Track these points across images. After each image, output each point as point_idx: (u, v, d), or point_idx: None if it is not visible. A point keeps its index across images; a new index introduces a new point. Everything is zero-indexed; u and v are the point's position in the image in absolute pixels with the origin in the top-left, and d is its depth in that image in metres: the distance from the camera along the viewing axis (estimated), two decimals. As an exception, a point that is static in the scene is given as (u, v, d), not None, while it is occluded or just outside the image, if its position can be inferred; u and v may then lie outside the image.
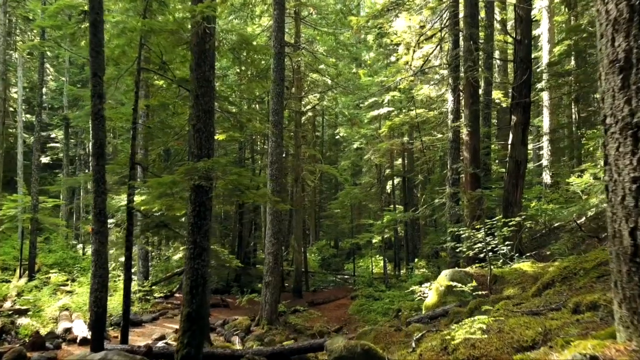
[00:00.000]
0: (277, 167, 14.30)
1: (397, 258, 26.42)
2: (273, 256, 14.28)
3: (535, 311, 4.21)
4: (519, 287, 7.41)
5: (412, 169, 24.29)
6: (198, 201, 6.86)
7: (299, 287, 21.16)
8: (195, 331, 6.65)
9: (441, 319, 7.58)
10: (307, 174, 26.52)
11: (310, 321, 16.02)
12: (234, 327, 13.73)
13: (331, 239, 39.86)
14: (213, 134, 7.11)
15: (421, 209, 14.50)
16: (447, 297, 8.42)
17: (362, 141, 25.64)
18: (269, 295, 14.18)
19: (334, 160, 38.16)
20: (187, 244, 6.91)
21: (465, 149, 12.72)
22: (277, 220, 14.31)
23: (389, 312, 16.01)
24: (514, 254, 9.22)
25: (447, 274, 8.66)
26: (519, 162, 12.17)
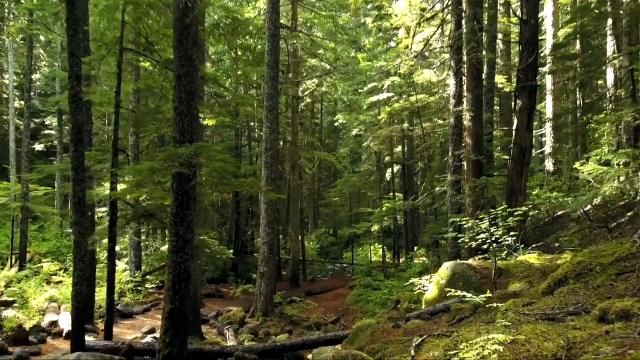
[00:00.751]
0: (272, 154, 13.78)
1: (396, 246, 25.99)
2: (268, 246, 13.82)
3: (551, 315, 3.72)
4: (525, 282, 6.94)
5: (412, 156, 23.75)
6: (181, 190, 6.35)
7: (296, 276, 20.76)
8: (178, 329, 6.18)
9: (442, 315, 7.12)
10: (305, 161, 26.02)
11: (307, 312, 15.62)
12: (228, 319, 13.33)
13: (330, 227, 39.47)
14: (196, 117, 6.58)
15: (421, 198, 14.01)
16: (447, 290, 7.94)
17: (360, 128, 25.06)
18: (264, 286, 13.75)
19: (333, 148, 37.62)
20: (170, 236, 6.42)
21: (468, 135, 12.18)
22: (272, 209, 13.82)
23: (388, 302, 15.60)
24: (519, 245, 8.74)
25: (449, 267, 8.18)
26: (524, 149, 11.62)
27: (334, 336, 7.67)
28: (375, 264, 25.23)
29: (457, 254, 12.05)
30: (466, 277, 7.83)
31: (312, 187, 37.33)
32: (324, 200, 32.77)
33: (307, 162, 26.61)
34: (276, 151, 14.08)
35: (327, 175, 42.97)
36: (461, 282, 7.83)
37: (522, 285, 6.82)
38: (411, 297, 14.55)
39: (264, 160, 13.88)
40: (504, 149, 21.01)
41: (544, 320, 3.56)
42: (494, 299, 6.29)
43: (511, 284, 7.17)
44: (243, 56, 23.26)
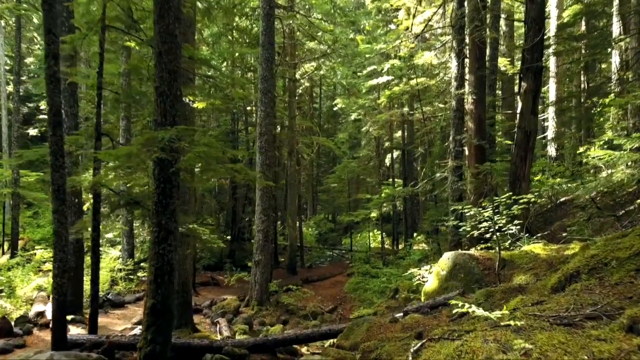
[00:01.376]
0: (266, 138, 13.30)
1: (396, 232, 25.63)
2: (263, 234, 13.43)
3: (567, 319, 3.30)
4: (531, 274, 6.53)
5: (412, 141, 23.26)
6: (163, 177, 5.90)
7: (293, 263, 20.42)
8: (161, 326, 5.79)
9: (443, 309, 6.74)
10: (303, 146, 25.54)
11: (304, 300, 15.29)
12: (222, 308, 12.98)
13: (329, 213, 39.12)
14: (179, 98, 6.10)
15: (421, 184, 13.58)
16: (449, 282, 7.56)
17: (359, 112, 24.51)
18: (259, 275, 13.39)
19: (332, 133, 37.10)
20: (152, 226, 5.99)
21: (470, 118, 11.70)
22: (267, 196, 13.39)
23: (386, 291, 15.28)
24: (524, 234, 8.33)
25: (450, 257, 7.78)
26: (529, 133, 11.16)
27: (328, 330, 7.30)
28: (374, 250, 24.90)
29: (458, 242, 11.66)
30: (468, 268, 7.44)
31: (310, 173, 36.90)
32: (322, 187, 32.34)
33: (305, 147, 26.13)
34: (271, 136, 13.60)
35: (327, 160, 42.50)
36: (462, 273, 7.45)
37: (527, 278, 6.42)
38: (410, 287, 14.23)
39: (259, 146, 13.41)
40: (507, 134, 20.53)
41: (559, 326, 3.14)
42: (498, 293, 5.89)
43: (516, 276, 6.77)
44: (239, 38, 22.67)
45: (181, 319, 10.36)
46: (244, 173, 6.70)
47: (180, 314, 10.38)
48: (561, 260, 6.51)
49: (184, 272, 10.44)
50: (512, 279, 6.75)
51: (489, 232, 7.91)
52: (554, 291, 4.80)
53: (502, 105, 20.49)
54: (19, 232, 19.52)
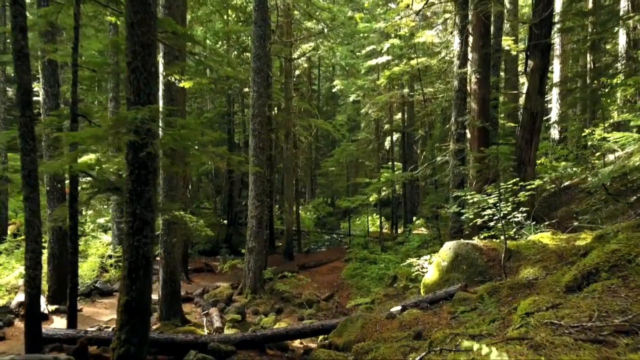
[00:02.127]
0: (259, 120, 12.70)
1: (395, 216, 25.18)
2: (257, 220, 12.92)
3: (593, 331, 2.79)
4: (540, 267, 6.03)
5: (412, 124, 22.63)
6: (137, 162, 5.35)
7: (290, 249, 19.99)
8: (136, 324, 5.30)
9: (443, 304, 6.25)
10: (300, 129, 24.94)
11: (299, 288, 14.87)
12: (214, 296, 12.54)
13: (328, 197, 38.63)
14: (155, 74, 5.51)
15: (421, 168, 13.03)
16: (450, 274, 7.07)
17: (358, 93, 23.82)
18: (253, 262, 12.93)
19: (331, 115, 36.42)
20: (126, 216, 5.46)
21: (473, 99, 11.09)
22: (261, 181, 12.85)
23: (384, 278, 14.86)
24: (531, 222, 7.81)
25: (451, 247, 7.28)
26: (535, 115, 10.57)
27: (320, 326, 6.83)
28: (373, 234, 24.47)
29: (459, 229, 11.16)
30: (471, 259, 6.94)
31: (309, 156, 36.35)
32: (321, 170, 31.78)
33: (302, 130, 25.53)
34: (265, 118, 13.00)
35: (326, 143, 41.90)
36: (465, 265, 6.95)
37: (536, 271, 5.91)
38: (409, 274, 13.78)
39: (252, 128, 12.81)
40: (510, 116, 19.91)
41: (585, 342, 2.63)
42: (504, 289, 5.39)
43: (523, 268, 6.26)
44: (234, 16, 21.88)
45: (169, 310, 9.94)
46: (227, 157, 6.15)
47: (169, 305, 9.95)
48: (573, 252, 6.00)
49: (172, 261, 9.97)
50: (519, 271, 6.25)
51: (493, 220, 7.41)
52: (569, 290, 4.29)
53: (504, 86, 19.84)
54: (9, 217, 19.03)
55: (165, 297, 9.92)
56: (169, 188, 9.76)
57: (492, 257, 6.89)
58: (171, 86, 9.65)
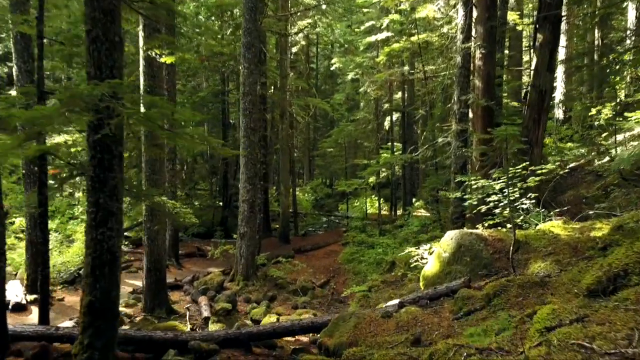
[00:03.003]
0: (250, 99, 12.00)
1: (394, 198, 24.58)
2: (249, 204, 12.33)
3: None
4: (552, 261, 5.44)
5: (412, 103, 21.87)
6: (100, 145, 4.71)
7: (286, 232, 19.46)
8: (101, 327, 4.74)
9: (445, 301, 5.69)
10: (297, 109, 24.20)
11: (294, 273, 14.36)
12: (204, 284, 12.03)
13: (326, 178, 38.04)
14: (119, 45, 4.83)
15: (421, 150, 12.38)
16: (452, 266, 6.50)
17: (357, 71, 23.00)
18: (245, 248, 12.38)
19: (329, 94, 35.54)
20: (88, 206, 4.85)
21: (477, 76, 10.38)
22: (252, 163, 12.22)
23: (382, 263, 14.34)
24: (540, 209, 7.20)
25: (453, 237, 6.69)
26: (544, 92, 9.90)
27: (310, 323, 6.29)
28: (372, 216, 23.93)
29: (461, 214, 10.57)
30: (475, 251, 6.35)
31: (307, 137, 35.60)
32: (318, 151, 31.09)
33: (299, 109, 24.78)
34: (256, 96, 12.29)
35: (324, 123, 41.12)
36: (468, 257, 6.37)
37: (548, 266, 5.33)
38: (407, 259, 13.27)
39: (242, 107, 12.13)
40: (513, 94, 19.17)
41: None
42: (514, 287, 4.81)
43: (533, 262, 5.68)
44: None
45: (154, 300, 9.42)
46: (202, 139, 5.51)
47: (153, 295, 9.42)
48: (589, 245, 5.42)
49: (156, 249, 9.41)
50: (529, 265, 5.67)
51: (499, 207, 6.81)
52: (592, 295, 3.70)
53: (508, 64, 19.04)
54: None
55: (149, 286, 9.38)
56: (151, 171, 9.14)
57: (498, 249, 6.30)
58: (152, 62, 8.95)
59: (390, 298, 10.91)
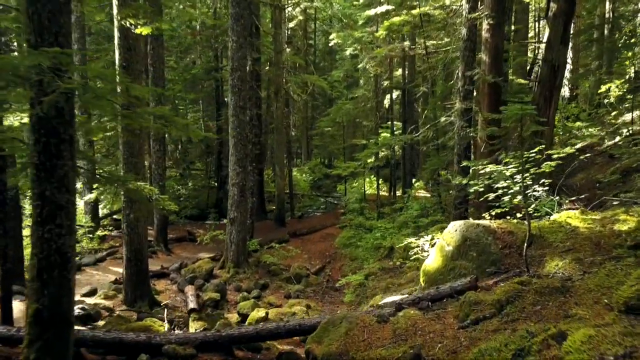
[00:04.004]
0: (239, 75, 11.19)
1: (393, 179, 23.87)
2: (239, 188, 11.64)
3: None
4: (571, 259, 4.76)
5: (413, 80, 20.98)
6: (44, 127, 3.98)
7: (281, 215, 18.81)
8: (50, 340, 4.08)
9: (449, 303, 5.04)
10: (294, 86, 23.30)
11: (288, 259, 13.77)
12: (192, 271, 11.41)
13: (325, 157, 37.24)
14: (65, 7, 4.05)
15: (422, 130, 11.61)
16: (456, 262, 5.83)
17: (356, 47, 22.02)
18: (235, 234, 11.74)
19: (328, 71, 34.53)
20: (32, 199, 4.14)
21: (485, 49, 9.55)
22: (242, 144, 11.47)
23: (380, 249, 13.73)
24: (555, 197, 6.49)
25: (458, 229, 6.00)
26: (556, 67, 9.09)
27: (298, 326, 5.64)
28: (370, 197, 23.28)
29: (464, 199, 9.88)
30: (482, 245, 5.67)
31: (305, 115, 34.80)
32: (315, 131, 30.24)
33: (296, 87, 23.88)
34: (245, 72, 11.47)
35: (323, 101, 40.16)
36: (475, 251, 5.69)
37: (567, 266, 4.66)
38: (407, 246, 12.64)
39: (231, 84, 11.32)
40: (519, 71, 18.29)
41: None
42: (530, 294, 4.13)
43: (549, 260, 5.00)
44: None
45: (135, 292, 8.80)
46: (169, 120, 4.76)
47: (134, 286, 8.80)
48: (615, 241, 4.74)
49: (136, 237, 8.74)
50: (544, 264, 5.00)
51: (507, 195, 6.11)
52: (632, 312, 3.01)
53: (514, 38, 18.10)
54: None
55: (130, 277, 8.75)
56: (129, 154, 8.41)
57: (508, 243, 5.62)
58: (128, 33, 8.13)
59: (387, 288, 10.32)
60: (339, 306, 10.45)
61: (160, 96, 14.95)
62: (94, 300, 8.88)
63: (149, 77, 13.21)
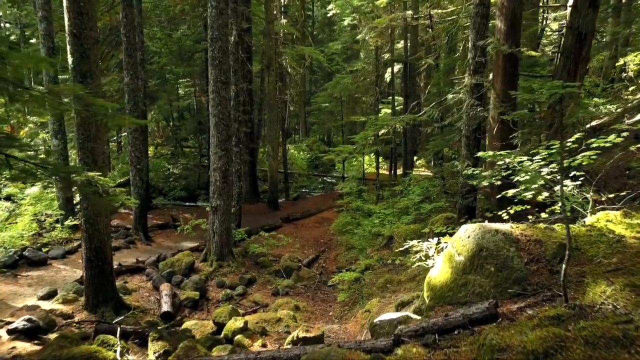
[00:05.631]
0: (220, 46, 9.88)
1: (394, 156, 22.67)
2: (221, 173, 10.46)
3: None
4: (623, 284, 3.63)
5: (415, 52, 19.54)
6: None
7: (274, 198, 17.73)
8: None
9: (462, 337, 3.92)
10: (290, 59, 21.91)
11: (279, 249, 12.72)
12: (170, 265, 10.34)
13: (324, 134, 35.94)
14: None
15: (427, 109, 10.34)
16: (469, 276, 4.71)
17: (354, 16, 20.52)
18: (218, 224, 10.63)
19: (327, 44, 32.97)
20: None
21: (500, 15, 8.23)
22: (225, 124, 10.24)
23: (379, 237, 12.64)
24: (590, 194, 5.30)
25: (471, 235, 4.85)
26: (584, 36, 7.79)
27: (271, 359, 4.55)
28: (370, 176, 22.16)
29: (473, 188, 8.71)
30: (502, 258, 4.52)
31: (302, 90, 33.38)
32: (311, 107, 28.87)
33: (292, 60, 22.47)
34: (226, 43, 10.13)
35: (322, 75, 38.68)
36: (493, 265, 4.56)
37: (618, 295, 3.52)
38: (406, 233, 11.51)
39: (211, 56, 10.03)
40: (529, 42, 16.86)
41: None
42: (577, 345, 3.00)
43: (591, 283, 3.86)
44: None
45: (98, 295, 7.73)
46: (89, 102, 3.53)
47: (97, 289, 7.73)
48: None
49: (97, 234, 7.61)
50: (585, 288, 3.86)
51: (530, 191, 4.96)
52: None
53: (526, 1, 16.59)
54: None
55: (90, 280, 7.66)
56: (85, 138, 7.20)
57: (535, 256, 4.48)
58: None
59: (386, 287, 9.23)
60: (331, 305, 9.42)
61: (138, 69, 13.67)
62: (51, 304, 7.82)
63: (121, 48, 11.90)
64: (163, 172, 21.97)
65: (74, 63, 7.10)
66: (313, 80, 39.83)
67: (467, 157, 8.78)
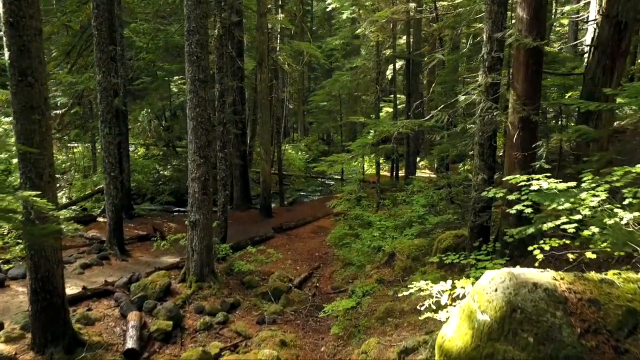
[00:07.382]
0: (198, 40, 8.67)
1: (396, 157, 21.43)
2: (200, 183, 9.26)
3: None
4: None
5: (418, 48, 18.31)
6: None
7: (267, 204, 16.53)
8: None
9: None
10: (285, 55, 20.69)
11: (268, 266, 11.52)
12: (143, 288, 9.13)
13: (323, 133, 34.72)
14: None
15: (434, 112, 9.10)
16: (498, 345, 3.50)
17: (354, 9, 19.30)
18: (197, 241, 9.43)
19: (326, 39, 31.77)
20: None
21: (522, 2, 6.98)
22: (204, 128, 9.02)
23: (380, 252, 11.44)
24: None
25: (499, 287, 3.63)
26: (623, 26, 6.58)
27: None
28: (370, 178, 20.98)
29: (486, 207, 7.49)
30: (545, 326, 3.30)
31: (300, 87, 32.16)
32: (308, 106, 27.64)
33: (287, 56, 21.25)
34: (206, 35, 8.91)
35: (322, 72, 37.47)
36: (531, 335, 3.34)
37: None
38: (410, 251, 10.39)
39: (188, 52, 8.80)
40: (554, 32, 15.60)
41: None
42: None
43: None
44: None
45: (46, 333, 6.53)
46: None
47: (44, 326, 6.53)
48: None
49: (44, 262, 6.42)
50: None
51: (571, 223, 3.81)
52: None
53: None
54: None
55: (37, 315, 6.48)
56: (24, 139, 6.01)
57: (591, 324, 3.26)
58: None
59: (386, 320, 8.03)
60: (324, 337, 8.22)
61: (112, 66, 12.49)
62: None
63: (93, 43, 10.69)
64: (152, 175, 20.81)
65: (11, 58, 5.91)
66: (312, 77, 38.64)
67: (481, 169, 7.57)
